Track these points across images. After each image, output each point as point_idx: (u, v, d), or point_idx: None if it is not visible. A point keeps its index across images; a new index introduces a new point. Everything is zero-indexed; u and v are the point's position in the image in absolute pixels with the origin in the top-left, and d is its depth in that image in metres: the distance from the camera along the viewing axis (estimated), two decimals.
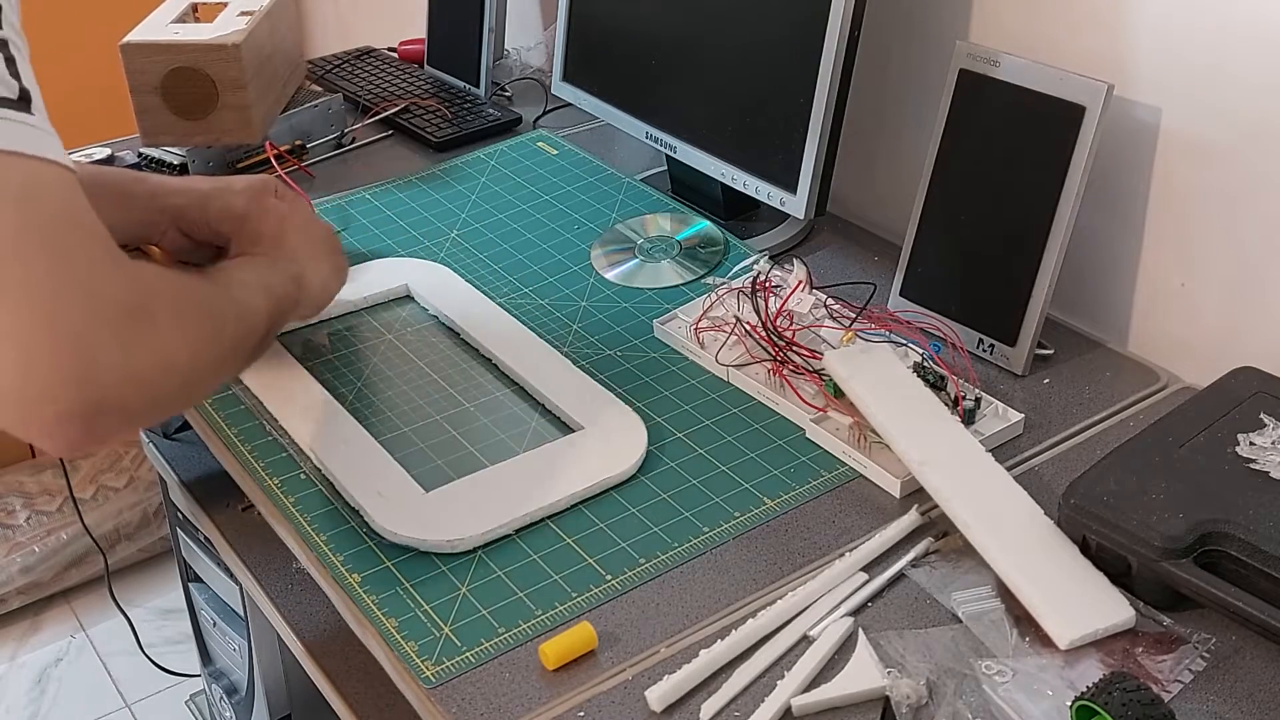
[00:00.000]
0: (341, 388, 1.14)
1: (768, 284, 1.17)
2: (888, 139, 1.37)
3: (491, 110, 1.65)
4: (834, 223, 1.38)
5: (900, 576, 0.92)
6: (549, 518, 0.99)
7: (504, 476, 1.02)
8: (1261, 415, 0.95)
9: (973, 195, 1.15)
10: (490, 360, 1.17)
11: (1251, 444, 0.92)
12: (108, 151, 1.52)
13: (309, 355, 1.19)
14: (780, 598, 0.90)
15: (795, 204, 1.26)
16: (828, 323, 1.14)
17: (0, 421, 0.74)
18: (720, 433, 1.07)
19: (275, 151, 1.49)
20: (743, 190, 1.32)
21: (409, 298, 1.29)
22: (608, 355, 1.18)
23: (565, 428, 1.08)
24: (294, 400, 1.11)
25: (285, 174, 1.46)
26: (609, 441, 1.05)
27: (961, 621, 0.88)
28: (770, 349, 1.12)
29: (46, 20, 2.28)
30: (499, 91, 1.73)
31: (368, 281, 1.29)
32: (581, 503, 1.00)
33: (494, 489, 1.00)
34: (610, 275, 1.30)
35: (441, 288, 1.28)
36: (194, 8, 1.54)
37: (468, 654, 0.87)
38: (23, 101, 0.76)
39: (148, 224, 1.26)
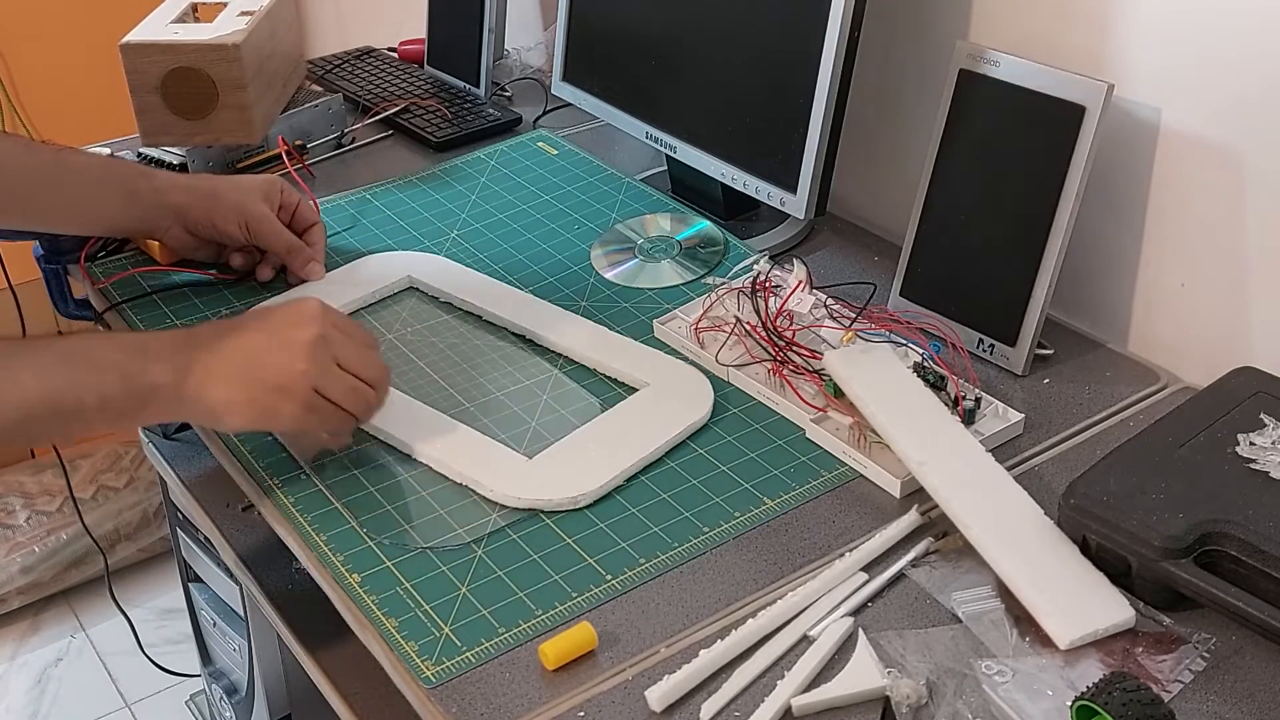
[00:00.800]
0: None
1: (768, 284, 1.17)
2: (888, 139, 1.37)
3: (491, 110, 1.65)
4: (834, 223, 1.38)
5: (900, 576, 0.92)
6: (546, 516, 0.99)
7: (595, 436, 1.05)
8: (1261, 415, 0.95)
9: (973, 195, 1.15)
10: (523, 336, 1.20)
11: (1251, 444, 0.92)
12: (107, 151, 1.52)
13: None
14: (780, 598, 0.90)
15: (795, 204, 1.26)
16: (828, 323, 1.14)
17: None
18: (720, 433, 1.07)
19: (286, 148, 1.49)
20: (743, 190, 1.32)
21: (412, 289, 1.29)
22: None
23: (626, 387, 1.12)
24: None
25: (293, 171, 1.46)
26: (677, 392, 1.10)
27: (961, 621, 0.88)
28: (770, 349, 1.12)
29: (47, 20, 2.28)
30: (499, 91, 1.73)
31: (369, 277, 1.30)
32: (582, 508, 1.00)
33: (592, 448, 1.04)
34: (610, 275, 1.30)
35: (445, 275, 1.29)
36: (194, 8, 1.54)
37: (468, 654, 0.87)
38: None
39: (151, 220, 1.27)
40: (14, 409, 0.90)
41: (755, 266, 1.19)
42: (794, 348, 1.11)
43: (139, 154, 1.53)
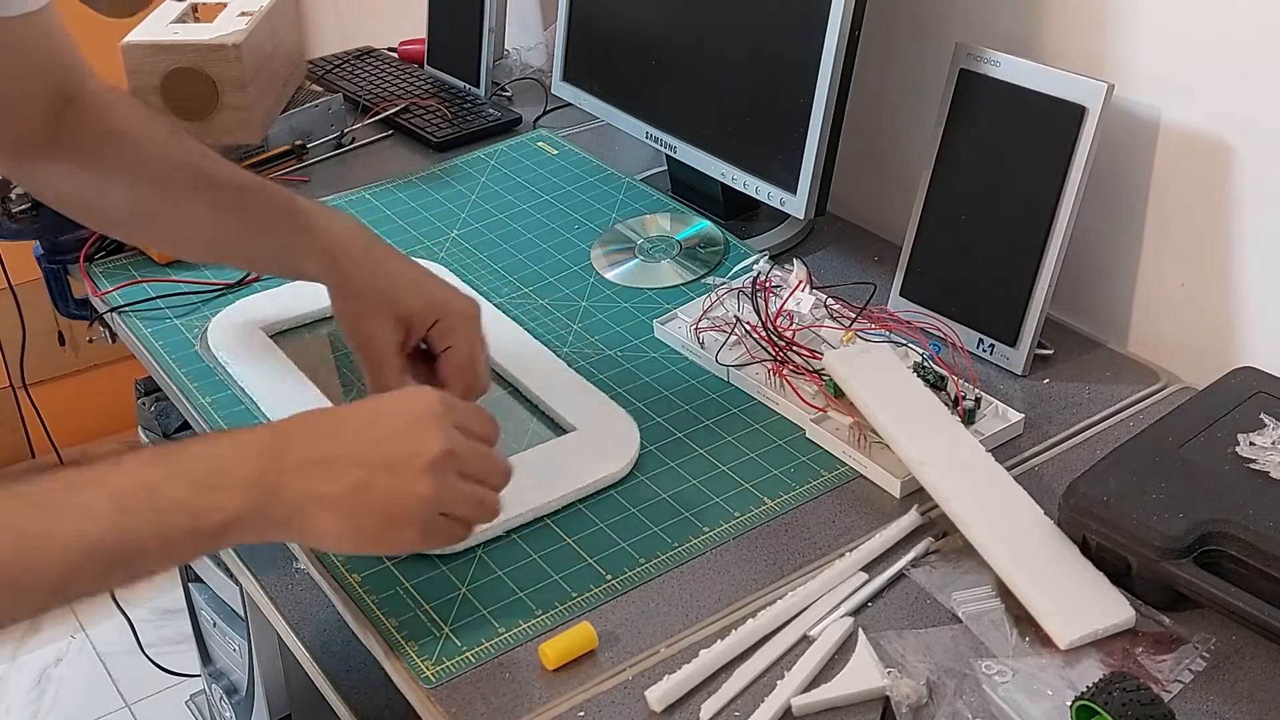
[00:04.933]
0: (343, 389, 1.14)
1: (768, 284, 1.17)
2: (888, 139, 1.37)
3: (491, 110, 1.65)
4: (834, 223, 1.38)
5: (900, 576, 0.92)
6: (547, 516, 0.99)
7: None
8: (1261, 415, 0.95)
9: (973, 195, 1.15)
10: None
11: (1251, 444, 0.92)
12: None
13: (307, 358, 1.19)
14: (780, 598, 0.90)
15: (795, 204, 1.26)
16: (828, 323, 1.14)
17: None
18: (720, 433, 1.07)
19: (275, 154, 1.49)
20: (743, 190, 1.32)
21: None
22: (608, 355, 1.18)
23: (560, 429, 1.08)
24: (289, 403, 1.10)
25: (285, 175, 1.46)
26: (602, 442, 1.04)
27: (961, 621, 0.87)
28: (770, 349, 1.12)
29: None
30: (499, 91, 1.73)
31: None
32: (577, 502, 1.00)
33: None
34: (610, 275, 1.30)
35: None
36: (194, 8, 1.54)
37: (468, 654, 0.87)
38: None
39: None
40: (56, 568, 0.75)
41: (755, 266, 1.19)
42: (794, 348, 1.11)
43: None
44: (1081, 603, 0.86)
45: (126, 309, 1.27)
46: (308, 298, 1.25)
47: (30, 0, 0.97)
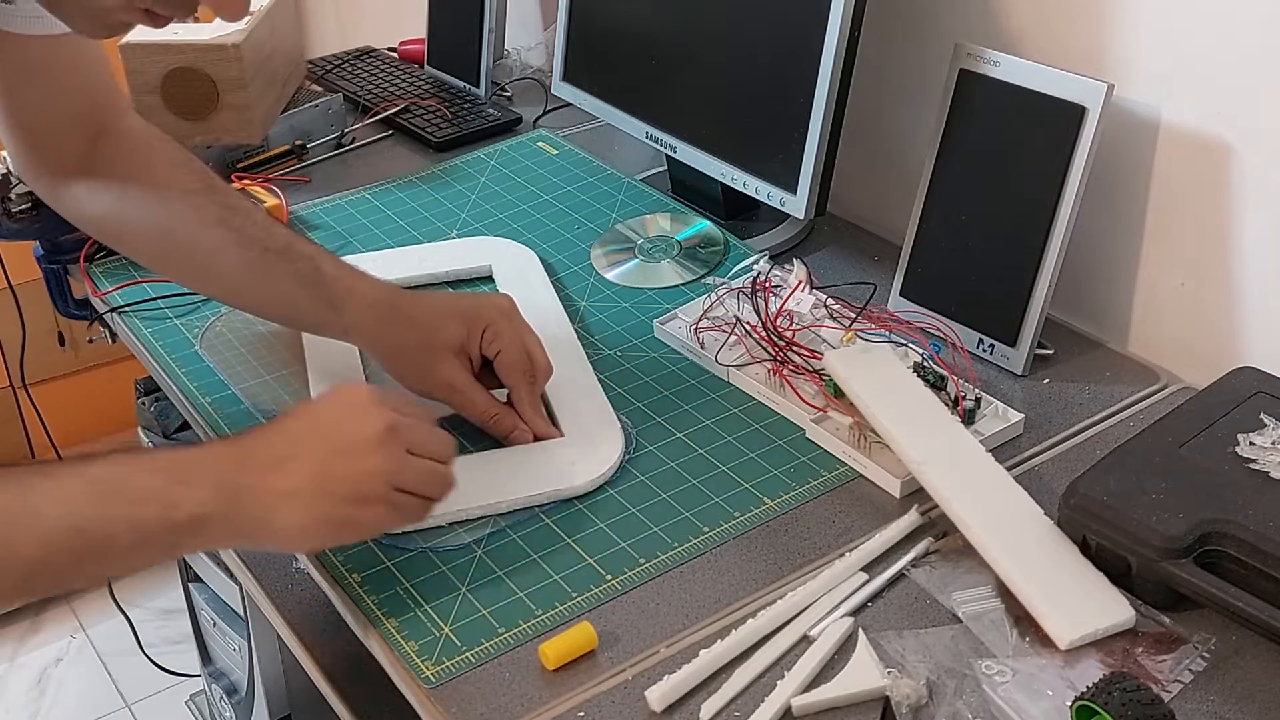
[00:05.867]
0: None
1: (768, 284, 1.17)
2: (888, 139, 1.37)
3: (491, 110, 1.65)
4: (834, 223, 1.38)
5: (900, 576, 0.92)
6: (547, 518, 0.99)
7: (472, 467, 1.00)
8: (1261, 415, 0.95)
9: (973, 195, 1.15)
10: None
11: (1251, 444, 0.92)
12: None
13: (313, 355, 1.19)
14: (780, 598, 0.90)
15: (795, 204, 1.26)
16: (828, 323, 1.14)
17: None
18: (720, 433, 1.07)
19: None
20: (743, 190, 1.32)
21: (489, 278, 1.31)
22: (608, 355, 1.18)
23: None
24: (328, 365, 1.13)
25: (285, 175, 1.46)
26: (574, 457, 1.03)
27: (961, 621, 0.87)
28: (770, 349, 1.12)
29: None
30: (499, 91, 1.73)
31: (456, 256, 1.32)
32: (576, 500, 1.00)
33: (461, 477, 0.95)
34: (610, 275, 1.30)
35: (517, 275, 1.29)
36: None
37: (468, 654, 0.87)
38: None
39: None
40: (31, 546, 0.77)
41: (755, 266, 1.19)
42: (794, 348, 1.11)
43: None
44: (1081, 603, 0.86)
45: (126, 309, 1.27)
46: None
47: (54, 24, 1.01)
